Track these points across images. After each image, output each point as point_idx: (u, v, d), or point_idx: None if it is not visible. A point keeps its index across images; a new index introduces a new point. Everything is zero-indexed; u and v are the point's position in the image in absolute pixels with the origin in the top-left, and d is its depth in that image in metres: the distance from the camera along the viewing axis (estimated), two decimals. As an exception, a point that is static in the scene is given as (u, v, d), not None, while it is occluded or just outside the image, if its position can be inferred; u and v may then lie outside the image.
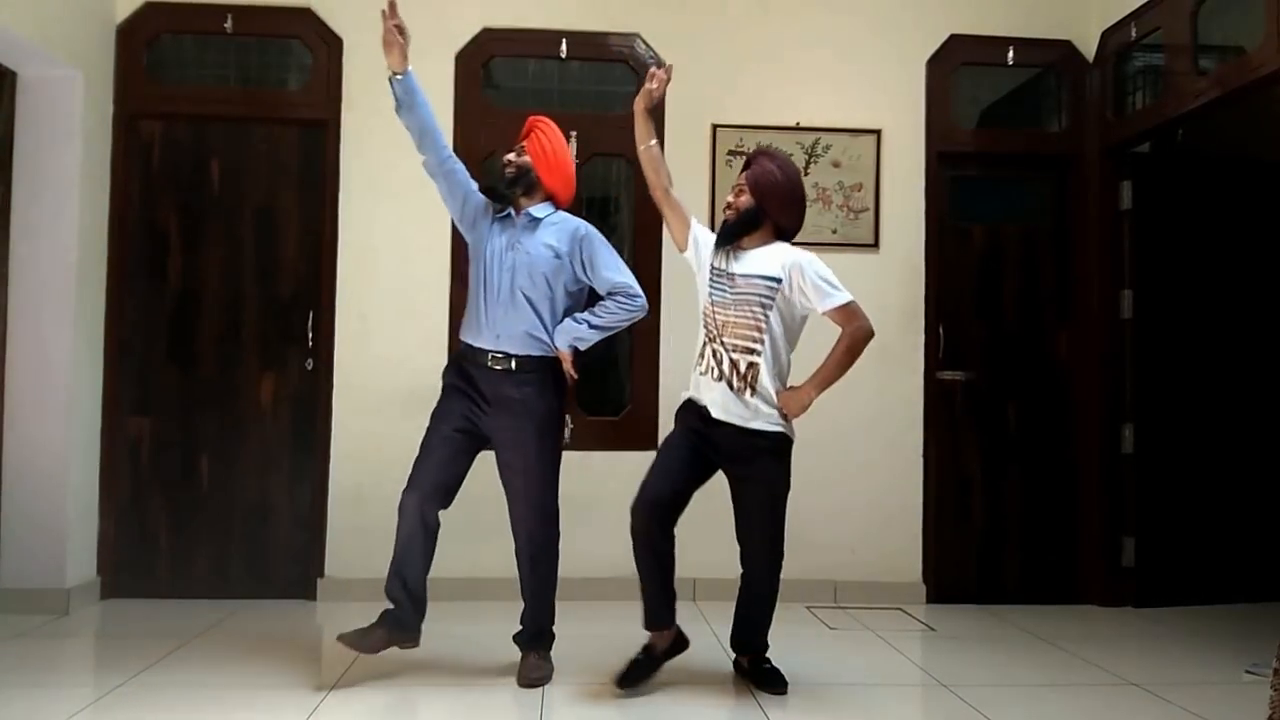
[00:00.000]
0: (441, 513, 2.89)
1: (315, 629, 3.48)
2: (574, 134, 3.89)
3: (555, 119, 2.96)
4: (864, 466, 3.95)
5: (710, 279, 2.77)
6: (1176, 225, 4.04)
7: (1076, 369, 4.06)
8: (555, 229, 2.86)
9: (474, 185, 2.91)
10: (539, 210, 2.86)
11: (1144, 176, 4.03)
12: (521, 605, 2.91)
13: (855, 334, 2.71)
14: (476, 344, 2.80)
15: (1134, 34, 3.83)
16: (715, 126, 3.96)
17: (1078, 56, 4.10)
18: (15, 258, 3.53)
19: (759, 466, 2.71)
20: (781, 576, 2.84)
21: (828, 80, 4.05)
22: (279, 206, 3.87)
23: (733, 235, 2.74)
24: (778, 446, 2.73)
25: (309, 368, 3.83)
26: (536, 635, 2.89)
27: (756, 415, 2.68)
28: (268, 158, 3.87)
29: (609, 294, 2.85)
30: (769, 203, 2.72)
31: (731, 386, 2.68)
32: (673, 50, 3.96)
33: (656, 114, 3.92)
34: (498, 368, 2.76)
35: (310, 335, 3.84)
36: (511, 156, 2.85)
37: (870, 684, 2.95)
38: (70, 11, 3.51)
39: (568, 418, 3.92)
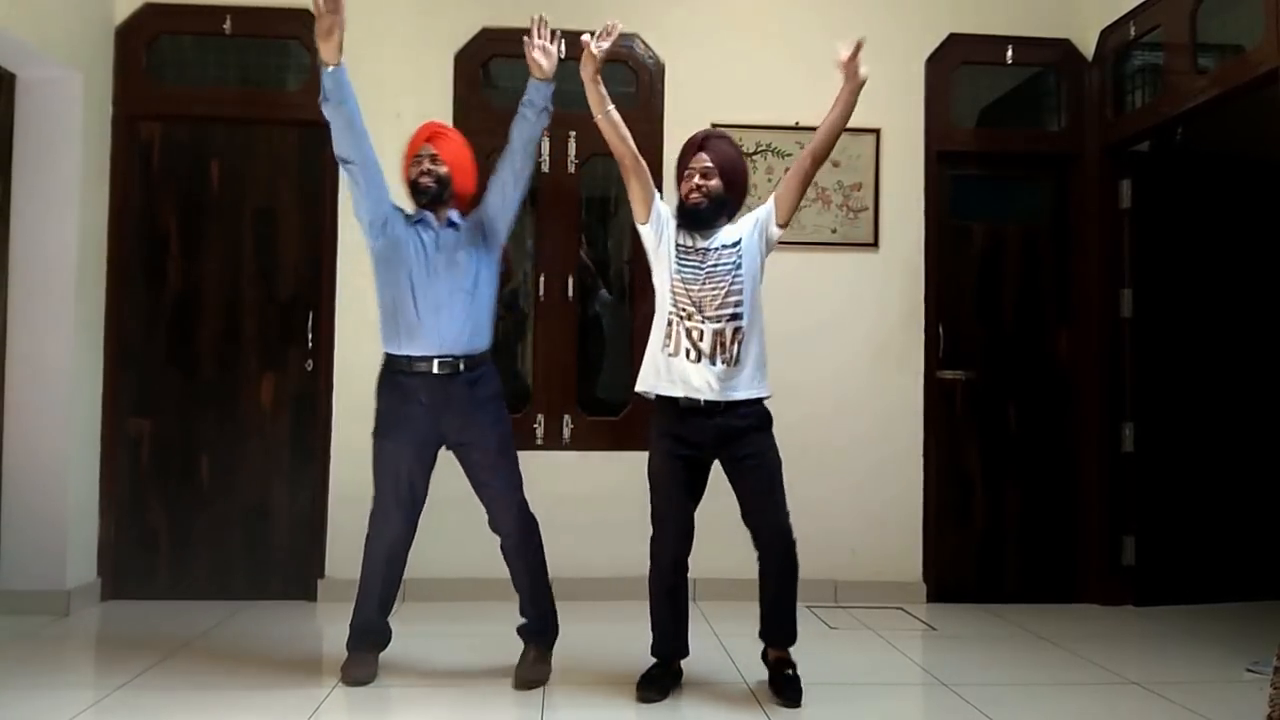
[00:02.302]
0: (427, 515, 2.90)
1: (315, 630, 3.48)
2: (573, 134, 3.89)
3: (555, 119, 2.96)
4: (864, 466, 3.95)
5: (677, 256, 2.72)
6: (1176, 224, 4.04)
7: (1076, 368, 4.06)
8: (469, 228, 2.84)
9: (387, 188, 2.84)
10: (455, 215, 2.84)
11: (1143, 175, 4.03)
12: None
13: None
14: (416, 352, 2.74)
15: (1133, 33, 3.83)
16: (715, 126, 3.94)
17: (1077, 55, 4.10)
18: (15, 258, 3.53)
19: (749, 442, 2.67)
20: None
21: (828, 80, 4.02)
22: (279, 206, 3.87)
23: (707, 221, 2.71)
24: (761, 420, 2.70)
25: (309, 368, 3.83)
26: (541, 628, 2.88)
27: (738, 387, 2.65)
28: (268, 158, 3.87)
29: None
30: (735, 189, 2.74)
31: (715, 362, 2.62)
32: (673, 50, 3.96)
33: (656, 113, 3.95)
34: (445, 371, 2.73)
35: (310, 336, 3.84)
36: (429, 167, 2.80)
37: (870, 683, 2.95)
38: (69, 13, 3.51)
39: (567, 417, 3.94)
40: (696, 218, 2.70)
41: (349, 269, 3.82)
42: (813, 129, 3.95)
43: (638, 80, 3.97)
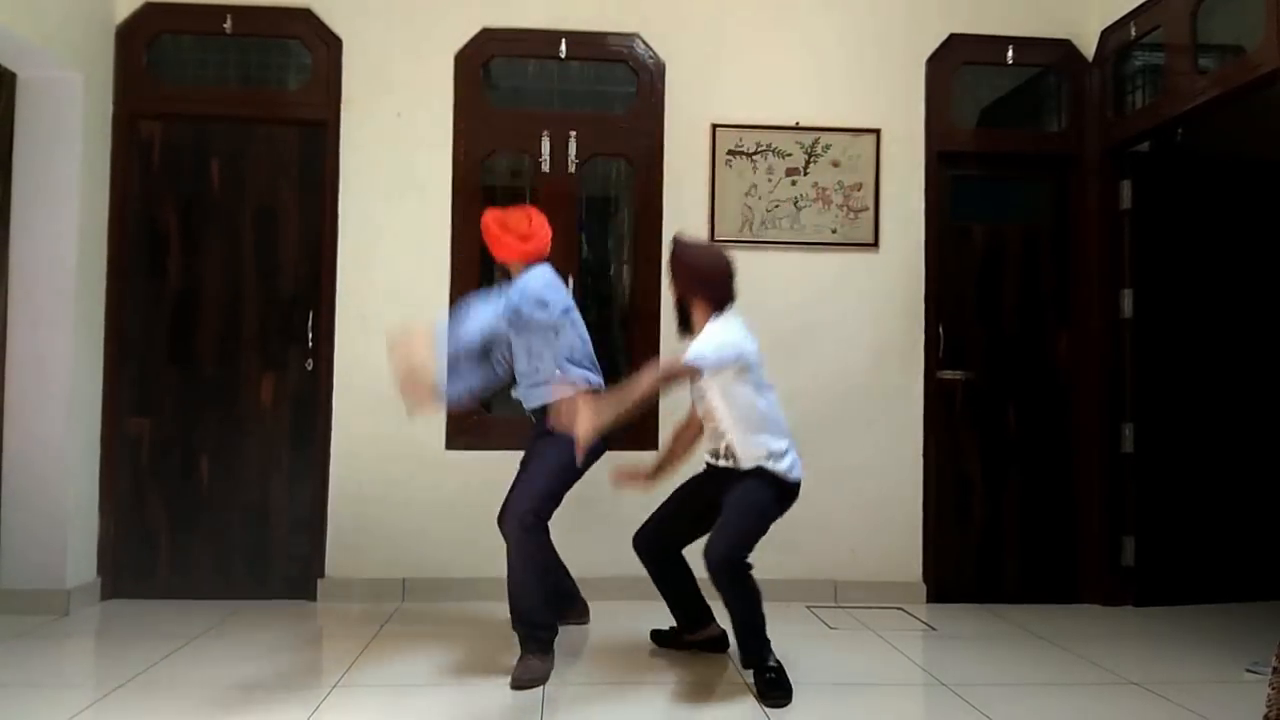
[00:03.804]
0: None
1: (315, 629, 3.48)
2: (573, 134, 3.90)
3: (555, 119, 2.99)
4: (864, 466, 3.95)
5: None
6: (1176, 225, 4.04)
7: (1076, 369, 4.06)
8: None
9: (487, 319, 2.86)
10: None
11: (1144, 176, 4.03)
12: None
13: (659, 365, 2.96)
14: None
15: (1134, 33, 3.83)
16: (715, 126, 3.96)
17: (1077, 56, 4.10)
18: (15, 258, 3.53)
19: (741, 482, 2.86)
20: (781, 577, 2.85)
21: (828, 80, 4.05)
22: (279, 206, 3.87)
23: (684, 324, 3.01)
24: (757, 473, 2.85)
25: (309, 368, 3.83)
26: (527, 632, 2.89)
27: (742, 463, 2.89)
28: (268, 158, 3.87)
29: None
30: (688, 288, 2.95)
31: (725, 460, 2.94)
32: (673, 50, 3.96)
33: (656, 113, 3.95)
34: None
35: (310, 335, 3.84)
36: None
37: (870, 684, 2.95)
38: (70, 12, 3.51)
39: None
40: (677, 323, 3.04)
41: (349, 269, 3.83)
42: (812, 128, 4.01)
43: (638, 80, 3.97)
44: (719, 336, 2.80)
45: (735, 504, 2.81)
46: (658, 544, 3.04)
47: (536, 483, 2.93)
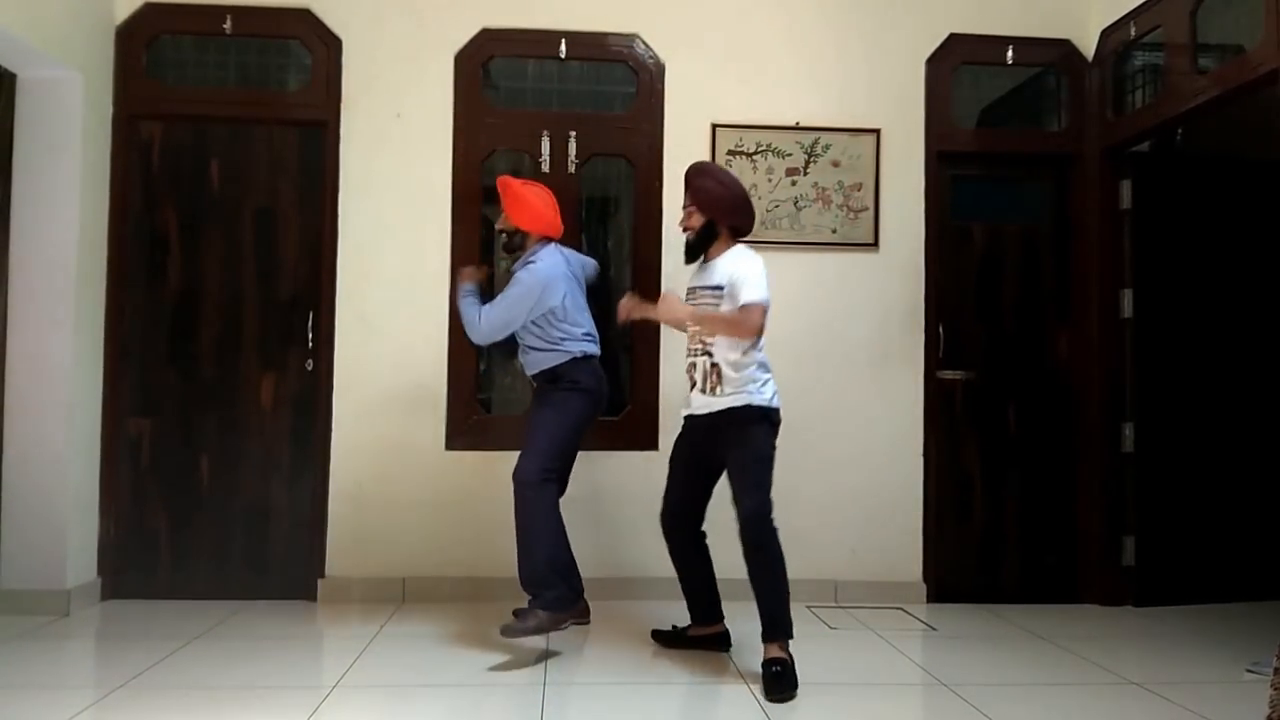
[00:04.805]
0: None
1: (315, 629, 3.48)
2: (573, 134, 3.90)
3: (555, 119, 3.01)
4: (864, 466, 3.95)
5: (686, 298, 3.06)
6: (1176, 225, 4.04)
7: (1076, 369, 4.06)
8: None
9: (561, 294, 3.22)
10: (517, 265, 3.28)
11: (1144, 176, 4.03)
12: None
13: (746, 319, 2.84)
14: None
15: (1133, 33, 3.83)
16: (715, 126, 3.95)
17: (1077, 56, 4.10)
18: (15, 258, 3.53)
19: (730, 435, 2.89)
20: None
21: (828, 80, 4.05)
22: (279, 206, 3.87)
23: (697, 251, 3.02)
24: (744, 415, 2.88)
25: (309, 368, 3.83)
26: (529, 589, 3.06)
27: (720, 399, 2.92)
28: (268, 158, 3.87)
29: None
30: (717, 213, 2.97)
31: (704, 390, 2.94)
32: (672, 50, 3.96)
33: (656, 113, 3.95)
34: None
35: (310, 335, 3.83)
36: (499, 228, 3.32)
37: (870, 684, 2.95)
38: (70, 13, 3.51)
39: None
40: (687, 249, 3.04)
41: (349, 269, 3.82)
42: (812, 128, 4.00)
43: (638, 80, 3.97)
44: (759, 268, 2.89)
45: (741, 460, 2.87)
46: (682, 516, 3.07)
47: (537, 440, 3.11)
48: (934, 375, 4.01)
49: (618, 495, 3.80)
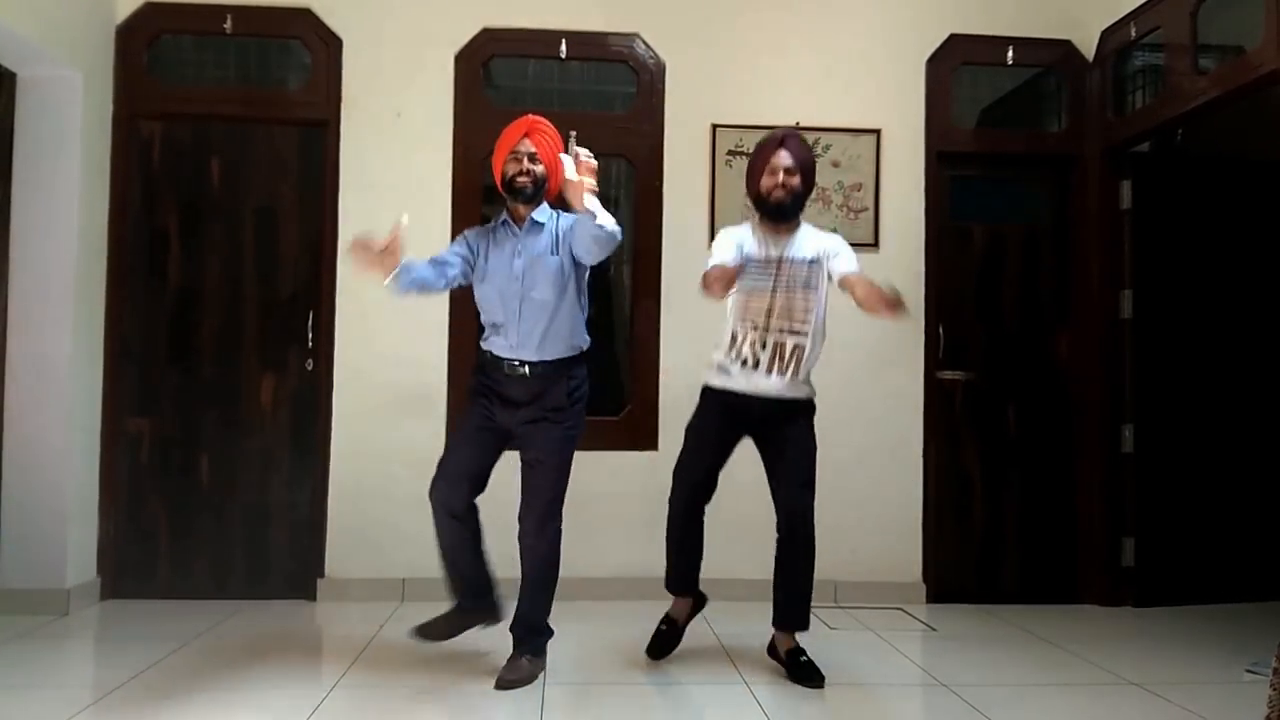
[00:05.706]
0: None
1: (315, 629, 3.48)
2: (573, 134, 3.89)
3: (555, 119, 2.95)
4: (864, 467, 3.95)
5: (750, 270, 2.86)
6: (1176, 225, 4.04)
7: (1076, 369, 4.06)
8: (548, 228, 2.87)
9: (460, 252, 2.88)
10: (540, 215, 2.87)
11: (1144, 176, 4.03)
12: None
13: (873, 294, 2.75)
14: (499, 354, 2.84)
15: (1134, 33, 3.83)
16: (715, 126, 3.95)
17: (1078, 56, 4.10)
18: (15, 258, 3.53)
19: (796, 429, 2.92)
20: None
21: (828, 80, 4.05)
22: (279, 206, 3.87)
23: (790, 215, 2.91)
24: (809, 410, 2.96)
25: (309, 368, 3.83)
26: (533, 632, 2.87)
27: (795, 389, 2.90)
28: (268, 158, 3.87)
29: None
30: (810, 187, 2.95)
31: (775, 372, 2.86)
32: (673, 50, 3.96)
33: (656, 113, 3.95)
34: (517, 373, 2.81)
35: (310, 335, 3.83)
36: (528, 167, 2.81)
37: (870, 684, 2.95)
38: (70, 12, 3.51)
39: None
40: (780, 213, 2.89)
41: (349, 269, 3.82)
42: (813, 129, 4.00)
43: (638, 80, 3.97)
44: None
45: (802, 454, 2.91)
46: (706, 489, 3.01)
47: (556, 489, 2.87)
48: (934, 376, 4.01)
49: (617, 495, 3.80)
